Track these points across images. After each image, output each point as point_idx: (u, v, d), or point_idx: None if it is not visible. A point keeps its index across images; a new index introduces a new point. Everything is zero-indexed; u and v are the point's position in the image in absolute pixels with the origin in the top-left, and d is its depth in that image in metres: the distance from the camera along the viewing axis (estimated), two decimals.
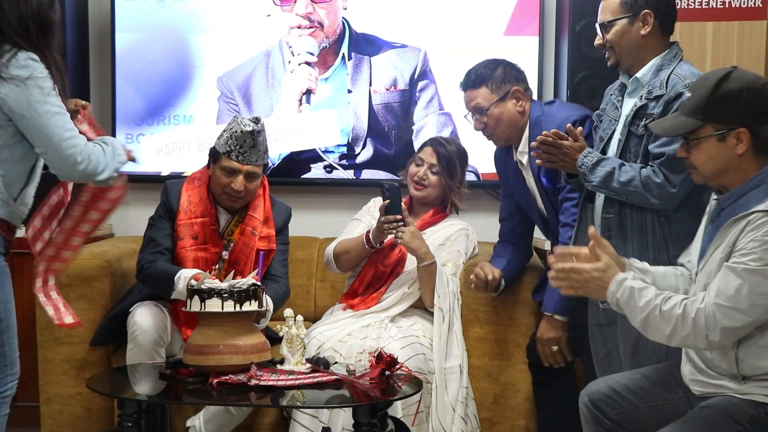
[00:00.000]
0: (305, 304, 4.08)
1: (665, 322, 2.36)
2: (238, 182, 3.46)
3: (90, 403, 3.63)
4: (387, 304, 3.66)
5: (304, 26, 4.35)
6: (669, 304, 2.37)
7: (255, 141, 3.44)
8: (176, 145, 4.40)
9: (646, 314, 2.38)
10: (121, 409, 3.00)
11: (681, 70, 2.86)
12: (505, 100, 3.38)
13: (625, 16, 2.93)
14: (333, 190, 4.45)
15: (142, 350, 3.39)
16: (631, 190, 2.82)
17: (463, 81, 3.44)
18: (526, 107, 3.40)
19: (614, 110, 3.01)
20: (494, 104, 3.37)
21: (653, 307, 2.38)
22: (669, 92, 2.82)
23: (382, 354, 3.10)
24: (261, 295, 3.10)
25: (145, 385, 3.20)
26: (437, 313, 3.52)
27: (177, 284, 3.36)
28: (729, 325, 2.32)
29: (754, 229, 2.34)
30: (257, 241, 3.54)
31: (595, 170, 2.88)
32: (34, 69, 2.72)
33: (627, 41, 2.93)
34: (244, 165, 3.45)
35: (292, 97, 4.38)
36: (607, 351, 3.05)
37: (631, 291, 2.41)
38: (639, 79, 2.93)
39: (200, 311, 3.04)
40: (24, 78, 2.69)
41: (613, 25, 2.94)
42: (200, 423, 3.50)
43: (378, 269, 3.73)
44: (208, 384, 2.97)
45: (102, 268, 3.70)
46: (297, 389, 2.98)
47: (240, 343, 3.02)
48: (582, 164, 2.91)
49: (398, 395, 3.03)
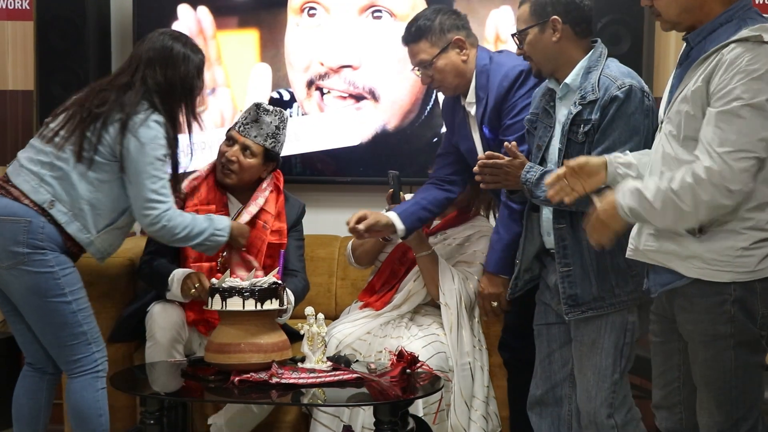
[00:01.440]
0: (326, 302, 4.08)
1: (684, 198, 2.29)
2: (232, 151, 3.51)
3: (112, 401, 3.63)
4: (396, 302, 3.65)
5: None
6: (676, 181, 2.31)
7: (258, 116, 3.50)
8: (198, 144, 4.40)
9: (662, 202, 2.32)
10: (144, 407, 3.02)
11: (610, 71, 2.81)
12: (448, 51, 3.27)
13: (535, 25, 2.88)
14: (355, 188, 4.45)
15: (161, 348, 3.41)
16: (579, 199, 2.67)
17: (404, 35, 3.34)
18: (470, 55, 3.30)
19: (548, 117, 2.95)
20: (437, 56, 3.27)
21: (663, 192, 2.32)
22: (603, 96, 2.76)
23: (403, 352, 3.11)
24: (282, 293, 3.12)
25: (167, 383, 3.22)
26: (444, 310, 3.51)
27: (171, 285, 3.41)
28: (745, 167, 2.26)
29: (734, 61, 2.27)
30: (269, 234, 3.56)
31: (539, 185, 2.83)
32: (158, 134, 3.05)
33: (542, 49, 2.89)
34: (242, 136, 3.51)
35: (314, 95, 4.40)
36: (550, 351, 3.04)
37: (637, 192, 2.36)
38: (569, 85, 2.87)
39: (221, 310, 3.05)
40: (148, 140, 3.03)
41: (526, 34, 2.90)
42: (222, 421, 3.51)
43: (394, 266, 3.72)
44: (230, 382, 2.98)
45: (124, 267, 3.73)
46: (318, 387, 2.99)
47: (261, 341, 3.03)
48: (526, 180, 2.87)
49: (419, 394, 3.03)
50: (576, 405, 2.97)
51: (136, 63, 3.15)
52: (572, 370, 2.98)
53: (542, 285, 3.05)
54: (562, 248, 2.86)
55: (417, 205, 3.49)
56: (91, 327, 3.10)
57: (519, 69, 3.22)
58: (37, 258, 3.00)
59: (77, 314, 3.06)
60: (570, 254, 2.85)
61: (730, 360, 2.38)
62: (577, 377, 2.92)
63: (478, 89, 3.29)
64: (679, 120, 2.38)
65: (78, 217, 3.06)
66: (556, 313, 2.97)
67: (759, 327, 2.37)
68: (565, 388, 3.03)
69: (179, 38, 3.20)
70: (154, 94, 3.09)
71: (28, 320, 3.11)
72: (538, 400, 3.07)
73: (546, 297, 3.03)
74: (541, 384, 3.06)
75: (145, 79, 3.10)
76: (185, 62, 3.15)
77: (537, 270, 3.05)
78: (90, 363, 3.10)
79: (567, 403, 3.04)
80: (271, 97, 4.39)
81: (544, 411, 3.06)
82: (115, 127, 3.05)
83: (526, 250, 3.03)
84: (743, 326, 2.35)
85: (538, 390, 3.07)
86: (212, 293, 3.08)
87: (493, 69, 3.28)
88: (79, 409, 3.10)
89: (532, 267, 3.04)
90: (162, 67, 3.12)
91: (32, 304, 3.05)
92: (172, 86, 3.12)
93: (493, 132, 3.30)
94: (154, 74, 3.11)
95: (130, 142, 3.03)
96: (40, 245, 3.00)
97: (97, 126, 3.05)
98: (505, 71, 3.24)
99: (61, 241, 3.05)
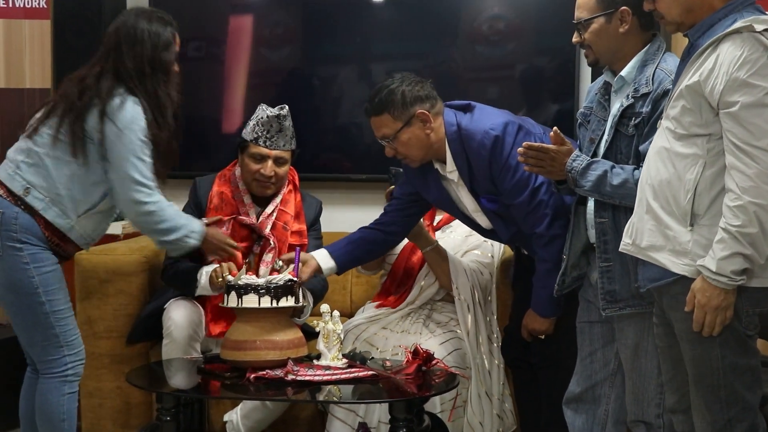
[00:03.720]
0: (341, 299, 4.09)
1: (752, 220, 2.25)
2: (268, 167, 3.49)
3: (129, 397, 3.67)
4: (410, 299, 3.65)
5: None
6: (736, 219, 2.26)
7: (281, 125, 3.48)
8: None
9: (748, 236, 2.25)
10: (160, 403, 3.04)
11: (666, 65, 2.76)
12: (411, 125, 3.12)
13: (602, 14, 2.80)
14: (369, 185, 4.45)
15: (178, 345, 3.42)
16: (624, 192, 2.68)
17: (366, 107, 3.21)
18: (435, 126, 3.14)
19: (602, 110, 2.88)
20: (400, 131, 3.13)
21: (739, 230, 2.25)
22: (656, 89, 2.71)
23: (419, 349, 3.11)
24: (298, 291, 3.12)
25: (183, 379, 3.23)
26: (459, 306, 3.50)
27: (200, 280, 3.40)
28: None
29: (736, 50, 2.25)
30: (289, 236, 3.56)
31: (585, 174, 2.75)
32: (135, 116, 2.97)
33: (605, 39, 2.81)
34: (272, 150, 3.49)
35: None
36: (592, 350, 2.97)
37: (728, 249, 2.28)
38: (624, 77, 2.81)
39: (237, 307, 3.06)
40: (126, 123, 2.95)
41: (591, 23, 2.81)
42: (237, 417, 3.52)
43: (408, 264, 3.72)
44: (246, 379, 2.99)
45: (140, 264, 3.74)
46: (333, 384, 2.99)
47: (277, 338, 3.04)
48: (571, 169, 2.77)
49: (434, 391, 3.03)
50: (613, 405, 2.93)
51: (106, 48, 3.06)
52: (613, 371, 2.93)
53: (585, 282, 2.97)
54: (603, 243, 2.79)
55: (354, 245, 3.43)
56: (65, 330, 3.01)
57: (493, 134, 3.09)
58: (11, 253, 2.95)
59: (50, 316, 2.98)
60: (611, 249, 2.76)
61: (716, 359, 2.35)
62: (626, 377, 2.86)
63: (455, 157, 3.16)
64: (676, 114, 2.37)
65: (56, 202, 2.99)
66: (599, 311, 2.88)
67: (744, 326, 2.34)
68: (605, 387, 2.96)
69: (143, 14, 3.10)
70: (127, 77, 3.01)
71: (7, 315, 3.08)
72: (576, 397, 3.00)
73: (589, 294, 2.95)
74: (581, 381, 2.99)
75: (116, 64, 3.02)
76: (152, 39, 3.03)
77: (584, 267, 2.95)
78: (59, 366, 3.02)
79: (605, 402, 2.96)
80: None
81: (580, 407, 2.98)
82: (94, 115, 2.97)
83: (573, 245, 2.93)
84: (729, 325, 2.32)
85: (577, 387, 2.99)
86: (228, 290, 3.09)
87: (465, 137, 3.15)
88: (42, 411, 3.04)
89: (580, 263, 2.94)
90: (129, 48, 3.02)
91: (6, 299, 3.02)
92: (143, 66, 3.02)
93: (494, 201, 3.20)
94: (123, 57, 3.01)
95: (108, 127, 2.96)
96: (14, 237, 2.94)
97: (78, 117, 2.98)
98: (479, 140, 3.10)
99: (39, 231, 2.97)
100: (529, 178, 3.08)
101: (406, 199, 3.44)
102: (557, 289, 2.97)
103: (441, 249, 3.58)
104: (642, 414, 2.80)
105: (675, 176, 2.37)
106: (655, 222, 2.41)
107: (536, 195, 3.09)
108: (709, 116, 2.32)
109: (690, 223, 2.35)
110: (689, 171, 2.35)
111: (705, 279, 2.30)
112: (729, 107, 2.27)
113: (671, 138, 2.39)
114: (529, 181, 3.08)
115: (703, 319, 2.33)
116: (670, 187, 2.38)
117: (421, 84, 3.19)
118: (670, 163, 2.38)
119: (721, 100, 2.28)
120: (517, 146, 2.96)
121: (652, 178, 2.43)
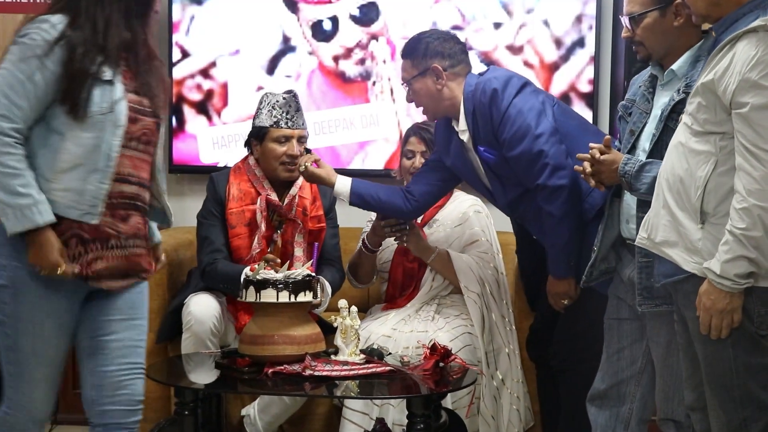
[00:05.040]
0: (359, 294, 4.09)
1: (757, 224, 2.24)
2: (293, 147, 3.53)
3: (147, 391, 3.62)
4: (420, 300, 3.66)
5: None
6: (741, 221, 2.24)
7: (298, 105, 3.56)
8: (232, 137, 4.43)
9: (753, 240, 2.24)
10: (179, 398, 3.05)
11: None
12: (425, 76, 3.25)
13: (656, 8, 2.76)
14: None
15: (197, 340, 3.44)
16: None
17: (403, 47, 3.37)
18: (449, 85, 3.24)
19: (645, 103, 2.84)
20: (413, 78, 3.27)
21: (744, 233, 2.24)
22: None
23: (437, 345, 3.11)
24: (315, 285, 3.13)
25: (201, 374, 3.25)
26: (469, 300, 3.50)
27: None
28: None
29: (751, 50, 2.22)
30: (309, 221, 3.58)
31: (640, 177, 2.71)
32: (36, 30, 2.41)
33: (660, 33, 2.76)
34: (295, 129, 3.54)
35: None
36: (620, 347, 2.94)
37: (731, 253, 2.27)
38: (675, 72, 2.77)
39: (255, 301, 3.07)
40: (20, 36, 2.42)
41: (644, 18, 2.77)
42: (255, 412, 3.54)
43: (406, 267, 3.72)
44: (263, 374, 3.00)
45: None
46: (351, 380, 3.00)
47: (294, 333, 3.05)
48: (625, 173, 2.73)
49: (452, 387, 3.03)
50: (637, 404, 2.92)
51: None
52: (640, 369, 2.91)
53: (616, 279, 2.93)
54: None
55: (375, 187, 3.48)
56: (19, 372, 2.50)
57: (492, 85, 3.14)
58: None
59: (9, 352, 2.53)
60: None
61: (729, 359, 2.34)
62: (657, 375, 2.83)
63: (467, 116, 3.22)
64: (692, 111, 2.36)
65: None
66: (630, 308, 2.86)
67: (756, 326, 2.32)
68: (630, 386, 2.93)
69: None
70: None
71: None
72: (600, 394, 2.96)
73: (620, 291, 2.91)
74: (607, 378, 2.95)
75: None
76: None
77: (612, 262, 2.91)
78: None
79: (629, 401, 2.93)
80: None
81: (604, 404, 2.95)
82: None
83: (604, 238, 2.89)
84: (740, 326, 2.31)
85: (602, 384, 2.96)
86: (246, 285, 3.11)
87: (474, 92, 3.21)
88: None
89: (609, 257, 2.90)
90: None
91: None
92: None
93: (492, 152, 3.21)
94: None
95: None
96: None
97: None
98: (481, 89, 3.16)
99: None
100: (528, 127, 3.08)
101: (431, 165, 3.50)
102: (584, 280, 2.93)
103: (443, 252, 3.59)
104: (672, 412, 2.78)
105: (688, 172, 2.36)
106: (670, 217, 2.40)
107: (536, 144, 3.08)
108: (722, 115, 2.31)
109: (701, 221, 2.33)
110: (701, 168, 2.34)
111: (710, 282, 2.29)
112: (740, 108, 2.26)
113: (688, 134, 2.38)
114: (528, 130, 3.09)
115: (709, 321, 2.31)
116: (682, 183, 2.38)
117: (451, 42, 3.28)
118: (684, 159, 2.37)
119: (733, 100, 2.27)
120: (520, 97, 3.05)
121: (668, 172, 2.42)
